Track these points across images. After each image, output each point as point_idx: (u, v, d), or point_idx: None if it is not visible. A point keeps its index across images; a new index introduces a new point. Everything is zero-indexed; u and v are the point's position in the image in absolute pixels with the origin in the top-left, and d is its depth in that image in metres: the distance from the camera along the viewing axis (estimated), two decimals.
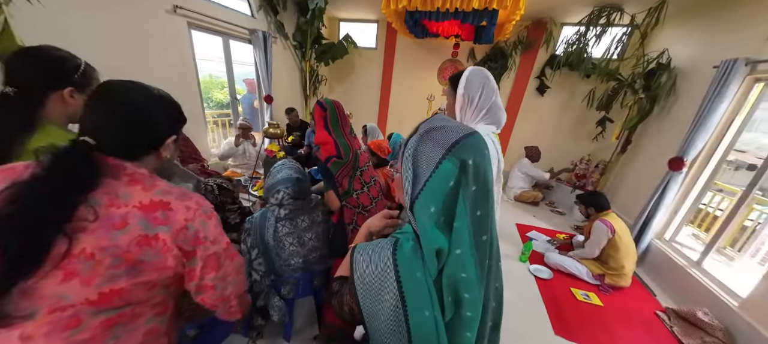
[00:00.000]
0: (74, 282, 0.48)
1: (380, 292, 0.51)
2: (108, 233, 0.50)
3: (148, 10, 2.52)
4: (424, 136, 0.48)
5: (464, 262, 0.47)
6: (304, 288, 1.42)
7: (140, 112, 0.57)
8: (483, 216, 0.47)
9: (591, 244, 2.34)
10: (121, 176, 0.54)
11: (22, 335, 0.47)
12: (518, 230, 3.20)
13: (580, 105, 3.91)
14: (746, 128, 2.28)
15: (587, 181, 3.88)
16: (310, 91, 4.79)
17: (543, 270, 2.41)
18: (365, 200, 1.43)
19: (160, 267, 0.55)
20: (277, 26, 3.95)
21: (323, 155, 1.40)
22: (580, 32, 3.39)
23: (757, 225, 2.72)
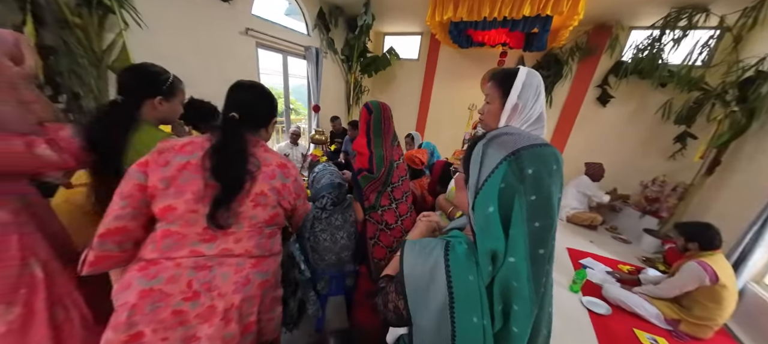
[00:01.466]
0: (259, 209, 0.81)
1: (428, 289, 0.51)
2: (268, 181, 0.83)
3: (226, 31, 3.00)
4: (491, 139, 0.50)
5: (518, 271, 0.46)
6: (337, 286, 1.49)
7: (264, 95, 0.90)
8: (541, 229, 0.46)
9: (672, 284, 1.95)
10: (259, 146, 0.86)
11: (235, 238, 0.79)
12: (570, 255, 2.88)
13: (653, 117, 3.42)
14: None
15: (661, 206, 3.34)
16: (353, 101, 5.04)
17: (599, 304, 2.13)
18: (390, 218, 1.37)
19: (287, 203, 0.90)
20: (328, 42, 4.28)
21: (356, 165, 1.39)
22: (653, 36, 2.99)
23: None
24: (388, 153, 1.36)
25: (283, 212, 0.89)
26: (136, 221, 0.74)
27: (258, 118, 0.89)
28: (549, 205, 0.46)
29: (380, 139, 1.36)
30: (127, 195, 0.72)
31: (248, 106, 0.86)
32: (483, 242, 0.47)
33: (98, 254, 0.71)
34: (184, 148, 0.76)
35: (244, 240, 0.80)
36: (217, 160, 0.75)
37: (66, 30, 1.85)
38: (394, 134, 1.43)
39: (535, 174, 0.45)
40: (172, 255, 0.73)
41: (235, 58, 3.16)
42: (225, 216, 0.75)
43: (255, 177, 0.80)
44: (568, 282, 2.35)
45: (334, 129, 4.31)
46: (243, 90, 0.88)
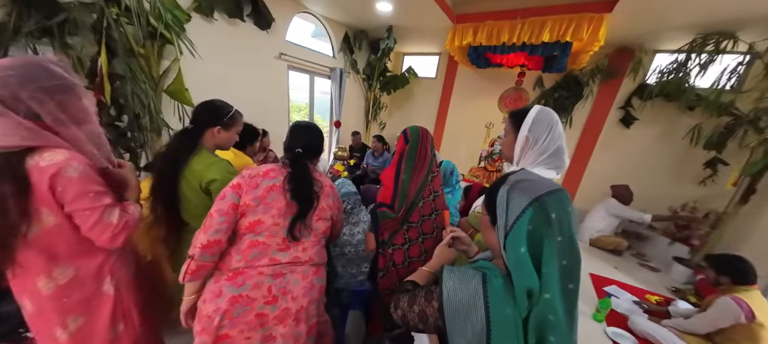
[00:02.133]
0: (320, 222, 1.01)
1: (467, 318, 0.54)
2: (326, 199, 1.03)
3: (263, 57, 3.32)
4: (514, 185, 0.56)
5: (554, 306, 0.50)
6: (357, 301, 1.61)
7: (319, 134, 1.11)
8: (569, 266, 0.51)
9: (706, 319, 1.86)
10: (315, 172, 1.05)
11: (303, 247, 0.95)
12: (593, 281, 2.79)
13: (681, 141, 3.32)
14: None
15: (692, 234, 3.18)
16: (372, 117, 5.21)
17: (625, 336, 2.06)
18: (399, 258, 1.27)
19: (335, 216, 1.09)
20: (352, 63, 4.52)
21: (378, 197, 1.31)
22: (678, 60, 2.96)
23: None
24: (414, 188, 1.25)
25: (331, 224, 1.07)
26: (227, 235, 0.88)
27: (314, 151, 1.10)
28: (573, 244, 0.52)
29: (411, 172, 1.25)
30: (225, 212, 0.87)
31: (308, 142, 1.07)
32: (519, 280, 0.52)
33: (199, 264, 0.84)
34: (269, 174, 0.96)
35: (309, 249, 0.97)
36: (294, 184, 0.95)
37: (132, 59, 2.11)
38: (430, 164, 1.29)
39: (558, 218, 0.51)
40: (256, 264, 0.87)
41: (270, 79, 3.48)
42: (300, 229, 0.93)
43: (320, 196, 1.00)
44: (591, 311, 2.28)
45: (353, 143, 4.46)
46: (303, 129, 1.10)
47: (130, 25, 2.07)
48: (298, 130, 1.09)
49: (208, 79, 2.72)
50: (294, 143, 1.05)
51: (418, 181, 1.25)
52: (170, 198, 1.08)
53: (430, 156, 1.29)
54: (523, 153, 1.00)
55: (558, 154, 0.99)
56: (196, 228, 0.90)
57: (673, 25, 2.77)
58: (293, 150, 1.04)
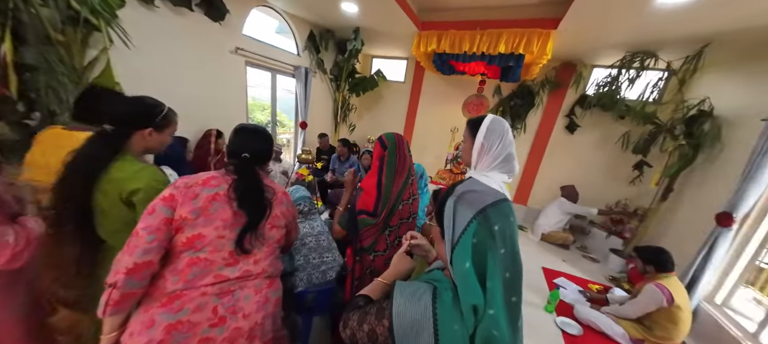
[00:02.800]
0: (274, 230, 0.96)
1: (416, 336, 0.53)
2: (280, 205, 0.98)
3: (216, 51, 3.03)
4: (460, 197, 0.56)
5: (498, 321, 0.49)
6: (323, 303, 1.54)
7: (267, 139, 1.04)
8: (512, 279, 0.51)
9: (635, 305, 2.12)
10: (265, 178, 0.98)
11: (254, 260, 0.89)
12: (545, 275, 3.03)
13: (615, 146, 3.76)
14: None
15: (624, 228, 3.62)
16: (340, 118, 5.13)
17: (572, 325, 2.26)
18: (380, 263, 1.27)
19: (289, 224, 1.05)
20: (318, 63, 4.39)
21: (358, 204, 1.29)
22: (611, 75, 3.35)
23: None
24: (395, 191, 1.26)
25: (285, 233, 1.02)
26: (159, 255, 0.77)
27: (263, 157, 1.04)
28: (516, 255, 0.52)
29: (392, 176, 1.26)
30: (155, 229, 0.76)
31: (256, 147, 1.00)
32: (465, 297, 0.51)
33: (124, 293, 0.71)
34: (209, 182, 0.87)
35: (262, 260, 0.91)
36: (242, 192, 0.88)
37: (48, 47, 1.81)
38: (410, 169, 1.32)
39: (501, 230, 0.51)
40: (198, 283, 0.79)
41: (224, 76, 3.18)
42: (251, 240, 0.86)
43: (272, 203, 0.94)
44: (543, 303, 2.47)
45: (321, 146, 4.33)
46: (250, 134, 1.02)
47: (45, 6, 1.77)
48: (244, 133, 1.01)
49: (148, 73, 2.43)
50: (239, 148, 0.97)
51: (399, 185, 1.27)
52: (82, 212, 0.90)
53: (409, 160, 1.31)
54: (480, 158, 1.08)
55: (509, 160, 1.07)
56: (114, 246, 0.78)
57: (607, 43, 3.13)
58: (239, 155, 0.96)
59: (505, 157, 1.06)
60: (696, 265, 2.38)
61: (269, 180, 1.01)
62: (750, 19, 2.12)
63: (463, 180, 0.63)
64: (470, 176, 1.00)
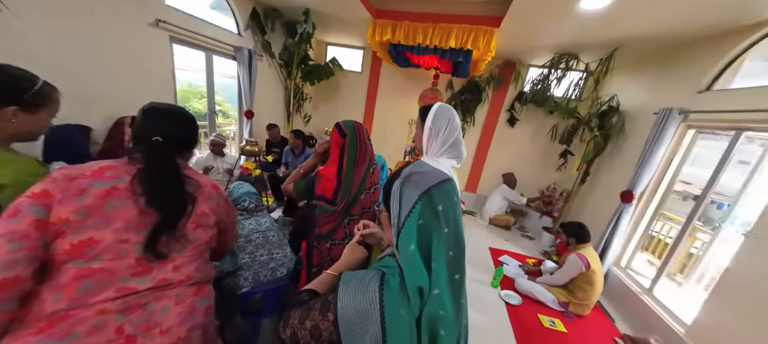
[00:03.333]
0: (200, 230, 0.80)
1: (363, 326, 0.51)
2: (207, 201, 0.83)
3: (129, 22, 2.48)
4: (406, 179, 0.54)
5: (443, 301, 0.49)
6: (272, 303, 1.42)
7: (186, 120, 0.87)
8: (455, 257, 0.51)
9: (562, 273, 2.45)
10: (185, 168, 0.82)
11: (174, 266, 0.74)
12: (491, 254, 3.30)
13: (545, 137, 4.26)
14: (690, 163, 2.61)
15: (553, 208, 4.15)
16: (294, 108, 4.82)
17: (513, 296, 2.50)
18: (338, 253, 1.25)
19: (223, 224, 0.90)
20: (264, 45, 4.00)
21: (318, 189, 1.26)
22: (543, 74, 3.76)
23: (700, 252, 3.03)
24: (356, 181, 1.25)
25: (217, 234, 0.88)
26: (31, 267, 0.59)
27: (182, 142, 0.87)
28: (459, 234, 0.53)
29: (353, 165, 1.24)
30: (21, 235, 0.58)
31: (171, 131, 0.82)
32: (410, 279, 0.51)
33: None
34: (102, 174, 0.69)
35: (185, 266, 0.76)
36: (151, 185, 0.71)
37: None
38: (371, 158, 1.31)
39: (445, 210, 0.51)
40: (91, 300, 0.62)
41: (142, 53, 2.65)
42: (166, 242, 0.72)
43: (196, 198, 0.79)
44: (490, 280, 2.68)
45: (270, 138, 4.00)
46: (162, 115, 0.83)
47: None
48: (154, 114, 0.82)
49: (33, 44, 1.89)
50: (149, 131, 0.79)
51: (361, 174, 1.25)
52: None
53: (370, 148, 1.29)
54: (430, 143, 1.13)
55: (457, 145, 1.13)
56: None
57: (540, 44, 3.49)
58: (147, 139, 0.78)
59: (452, 142, 1.11)
60: (606, 236, 2.84)
61: (192, 170, 0.85)
62: (646, 28, 2.56)
63: (410, 162, 0.62)
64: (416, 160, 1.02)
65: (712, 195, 2.34)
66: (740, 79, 2.28)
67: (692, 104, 2.42)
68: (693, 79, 2.49)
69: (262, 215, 1.58)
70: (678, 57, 2.74)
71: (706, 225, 3.06)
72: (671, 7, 2.10)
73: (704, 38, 2.45)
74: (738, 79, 2.29)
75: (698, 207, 2.33)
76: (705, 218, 3.24)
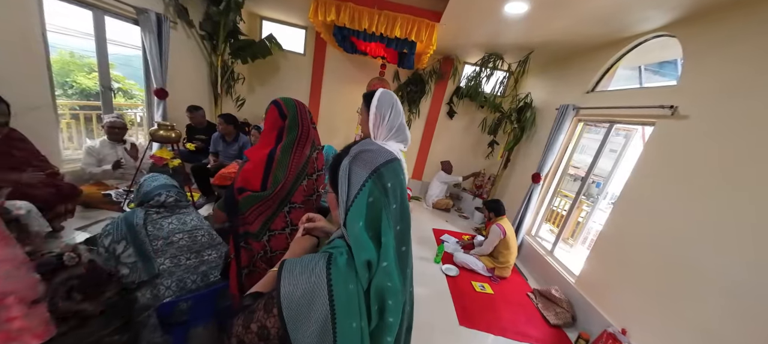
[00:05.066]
0: None
1: (310, 307, 0.50)
2: None
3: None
4: (355, 157, 0.55)
5: (390, 273, 0.51)
6: (203, 311, 1.24)
7: None
8: (402, 231, 0.54)
9: (487, 243, 2.87)
10: None
11: None
12: (434, 234, 3.61)
13: (477, 129, 4.79)
14: (579, 151, 3.29)
15: (483, 191, 4.74)
16: (223, 89, 4.26)
17: (452, 269, 2.81)
18: (279, 243, 1.15)
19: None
20: (178, 10, 3.36)
21: (238, 181, 1.12)
22: (475, 71, 4.20)
23: (584, 221, 3.89)
24: (295, 166, 1.13)
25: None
26: None
27: None
28: (405, 209, 0.56)
29: (291, 149, 1.12)
30: None
31: None
32: (358, 255, 0.51)
33: None
34: None
35: None
36: None
37: None
38: (314, 142, 1.20)
39: (393, 187, 0.52)
40: None
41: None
42: None
43: None
44: (433, 256, 2.95)
45: (193, 122, 3.46)
46: None
47: None
48: None
49: None
50: None
51: (302, 158, 1.14)
52: None
53: (313, 131, 1.19)
54: (376, 129, 1.15)
55: (402, 129, 1.17)
56: None
57: (473, 42, 3.87)
58: None
59: (398, 126, 1.15)
60: (521, 211, 3.40)
61: None
62: (551, 36, 3.08)
63: (357, 141, 0.63)
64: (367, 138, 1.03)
65: (593, 176, 3.03)
66: (614, 82, 2.97)
67: (582, 102, 3.05)
68: (583, 81, 3.13)
69: (186, 212, 1.38)
70: (573, 62, 3.40)
71: (588, 199, 3.94)
72: (565, 18, 2.58)
73: (592, 47, 3.09)
74: (613, 82, 2.98)
75: (583, 185, 2.99)
76: (588, 194, 4.17)
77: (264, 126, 1.18)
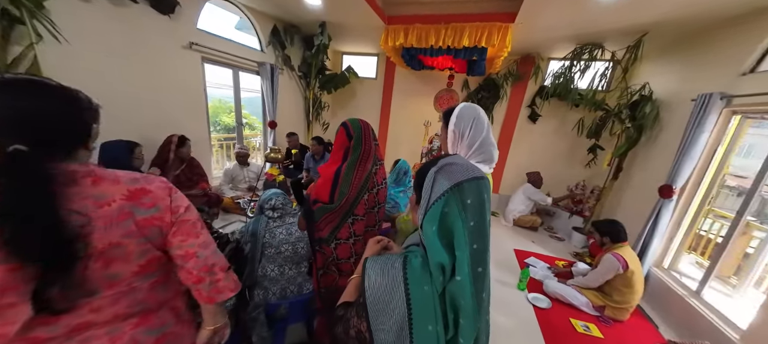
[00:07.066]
0: (117, 264, 0.60)
1: (389, 305, 0.54)
2: (118, 225, 0.59)
3: (167, 46, 2.80)
4: (441, 168, 0.57)
5: (464, 289, 0.51)
6: (296, 312, 1.49)
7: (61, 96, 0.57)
8: (479, 251, 0.53)
9: (596, 275, 2.28)
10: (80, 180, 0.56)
11: (91, 308, 0.59)
12: (516, 256, 3.18)
13: (571, 132, 4.05)
14: (741, 154, 2.35)
15: (584, 207, 3.91)
16: (313, 117, 5.02)
17: (541, 299, 2.38)
18: (344, 253, 1.25)
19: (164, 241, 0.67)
20: (284, 59, 4.24)
21: (313, 194, 1.25)
22: (564, 66, 3.60)
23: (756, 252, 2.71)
24: (357, 182, 1.22)
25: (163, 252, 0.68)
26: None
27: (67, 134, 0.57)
28: (484, 230, 0.55)
29: (355, 166, 1.22)
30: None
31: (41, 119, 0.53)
32: (432, 256, 0.54)
33: None
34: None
35: (108, 307, 0.61)
36: (12, 232, 0.48)
37: None
38: (376, 157, 1.28)
39: (473, 204, 0.53)
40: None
41: (179, 73, 2.96)
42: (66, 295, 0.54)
43: (89, 232, 0.55)
44: (516, 281, 2.58)
45: (289, 145, 4.20)
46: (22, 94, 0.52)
47: None
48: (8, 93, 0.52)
49: (84, 71, 2.19)
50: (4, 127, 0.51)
51: (364, 174, 1.23)
52: None
53: (374, 148, 1.27)
54: (455, 147, 1.08)
55: (485, 146, 1.05)
56: None
57: (559, 36, 3.36)
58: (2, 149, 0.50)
59: (479, 143, 1.04)
60: (645, 234, 2.63)
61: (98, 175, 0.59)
62: (677, 10, 2.38)
63: (448, 154, 0.65)
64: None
65: (767, 188, 2.10)
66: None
67: (735, 87, 2.20)
68: (734, 61, 2.27)
69: (291, 223, 1.58)
70: (713, 38, 2.52)
71: (764, 222, 2.74)
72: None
73: (739, 16, 2.24)
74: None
75: (748, 201, 2.10)
76: (762, 214, 2.91)
77: (334, 145, 1.29)
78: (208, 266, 0.71)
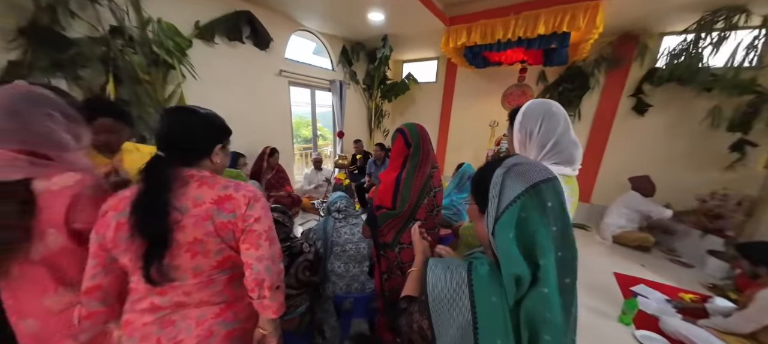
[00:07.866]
0: (199, 258, 0.72)
1: (451, 308, 0.52)
2: (202, 224, 0.71)
3: (263, 75, 3.48)
4: (510, 169, 0.52)
5: (551, 302, 0.46)
6: (360, 308, 1.59)
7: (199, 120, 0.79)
8: (565, 259, 0.48)
9: (747, 316, 1.67)
10: (193, 183, 0.73)
11: (184, 291, 0.73)
12: (617, 281, 2.59)
13: (699, 125, 3.11)
14: None
15: (725, 223, 2.92)
16: (375, 125, 5.29)
17: (656, 339, 1.86)
18: (408, 256, 1.28)
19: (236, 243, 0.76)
20: (351, 75, 4.65)
21: (376, 200, 1.29)
22: (688, 41, 2.81)
23: None
24: (417, 185, 1.24)
25: (233, 253, 0.77)
26: (110, 276, 0.73)
27: (194, 147, 0.77)
28: (569, 235, 0.48)
29: (414, 171, 1.25)
30: (94, 255, 0.72)
31: (179, 134, 0.75)
32: (507, 267, 0.49)
33: (88, 310, 0.74)
34: (119, 205, 0.71)
35: (195, 293, 0.74)
36: (138, 215, 0.68)
37: (138, 85, 2.25)
38: (432, 162, 1.31)
39: (553, 207, 0.48)
40: (136, 307, 0.73)
41: (271, 96, 3.61)
42: (159, 272, 0.68)
43: (183, 226, 0.69)
44: (617, 313, 2.10)
45: (355, 151, 4.53)
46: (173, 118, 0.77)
47: (135, 54, 2.22)
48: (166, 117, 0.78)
49: (211, 100, 2.86)
50: (161, 139, 0.75)
51: (422, 179, 1.25)
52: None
53: (431, 153, 1.30)
54: (523, 148, 0.97)
55: (562, 146, 0.91)
56: None
57: (675, 4, 2.65)
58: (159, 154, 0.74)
59: (554, 142, 0.90)
60: None
61: (208, 181, 0.75)
62: None
63: (512, 154, 0.59)
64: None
65: None
66: None
67: None
68: None
69: (355, 224, 1.67)
70: None
71: None
72: None
73: None
74: None
75: None
76: None
77: (392, 151, 1.33)
78: (259, 281, 0.76)
